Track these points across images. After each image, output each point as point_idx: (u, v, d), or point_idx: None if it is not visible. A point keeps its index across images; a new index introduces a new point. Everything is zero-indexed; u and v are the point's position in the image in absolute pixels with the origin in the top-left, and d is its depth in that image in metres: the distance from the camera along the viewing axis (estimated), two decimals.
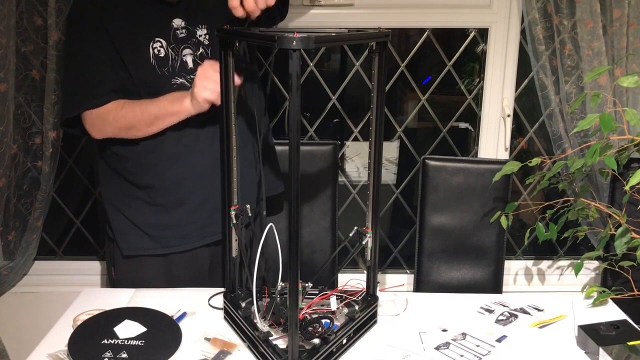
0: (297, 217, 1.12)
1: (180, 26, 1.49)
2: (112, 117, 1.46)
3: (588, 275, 2.24)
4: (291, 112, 1.06)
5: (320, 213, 1.96)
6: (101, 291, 1.58)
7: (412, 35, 2.13)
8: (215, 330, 1.37)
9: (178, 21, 1.49)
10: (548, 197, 2.19)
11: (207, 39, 1.53)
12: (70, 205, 2.23)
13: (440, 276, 1.99)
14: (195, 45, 1.51)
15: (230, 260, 1.40)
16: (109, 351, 1.25)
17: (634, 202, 1.71)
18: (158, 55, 1.46)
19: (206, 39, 1.53)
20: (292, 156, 1.08)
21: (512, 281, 2.27)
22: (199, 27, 1.52)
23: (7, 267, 2.03)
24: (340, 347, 1.28)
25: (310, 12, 1.99)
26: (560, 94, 1.97)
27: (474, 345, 1.35)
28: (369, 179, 1.37)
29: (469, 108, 2.17)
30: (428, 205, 1.95)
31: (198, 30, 1.52)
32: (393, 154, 2.29)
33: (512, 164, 1.80)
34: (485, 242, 1.96)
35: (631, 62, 1.91)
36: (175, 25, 1.48)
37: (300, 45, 1.01)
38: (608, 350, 1.27)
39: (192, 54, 1.50)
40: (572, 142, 1.99)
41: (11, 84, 1.84)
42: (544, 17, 1.91)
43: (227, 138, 1.34)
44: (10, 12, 1.78)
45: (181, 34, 1.49)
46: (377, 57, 1.27)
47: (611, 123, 1.49)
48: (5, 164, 1.88)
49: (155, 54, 1.46)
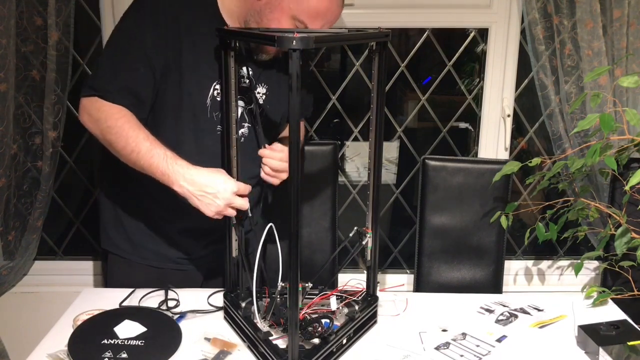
0: (297, 217, 1.12)
1: (245, 75, 1.43)
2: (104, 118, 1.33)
3: (588, 275, 2.24)
4: (291, 112, 1.06)
5: (320, 213, 1.96)
6: (101, 291, 1.57)
7: (412, 35, 2.13)
8: (215, 330, 1.37)
9: (246, 70, 1.43)
10: (548, 197, 2.19)
11: (263, 97, 1.49)
12: (70, 205, 2.23)
13: (440, 276, 1.99)
14: (249, 100, 1.45)
15: (231, 260, 1.40)
16: (109, 351, 1.25)
17: (634, 202, 1.71)
18: (215, 98, 1.40)
19: (263, 97, 1.49)
20: (292, 156, 1.08)
21: (512, 281, 2.27)
22: (261, 84, 1.48)
23: (7, 267, 2.03)
24: (340, 347, 1.28)
25: None
26: (560, 94, 1.97)
27: (474, 345, 1.35)
28: (369, 179, 1.37)
29: (469, 108, 2.17)
30: (428, 205, 1.95)
31: (259, 86, 1.48)
32: (393, 154, 2.29)
33: (512, 164, 1.80)
34: (485, 242, 1.96)
35: (631, 62, 1.91)
36: (241, 73, 1.42)
37: (300, 45, 1.01)
38: (608, 350, 1.27)
39: (244, 107, 1.45)
40: (572, 142, 1.99)
41: (11, 84, 1.84)
42: (544, 17, 1.91)
43: (228, 138, 1.34)
44: (10, 12, 1.78)
45: (243, 83, 1.43)
46: (377, 57, 1.27)
47: (611, 123, 1.49)
48: (5, 164, 1.88)
49: (214, 95, 1.40)
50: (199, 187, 1.29)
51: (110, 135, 1.33)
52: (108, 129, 1.33)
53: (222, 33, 1.28)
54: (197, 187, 1.29)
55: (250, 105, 1.46)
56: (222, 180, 1.30)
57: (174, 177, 1.29)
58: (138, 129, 1.32)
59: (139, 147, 1.31)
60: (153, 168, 1.30)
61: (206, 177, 1.30)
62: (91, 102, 1.36)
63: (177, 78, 1.37)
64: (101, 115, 1.34)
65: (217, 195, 1.28)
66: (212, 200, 1.29)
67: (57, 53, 1.87)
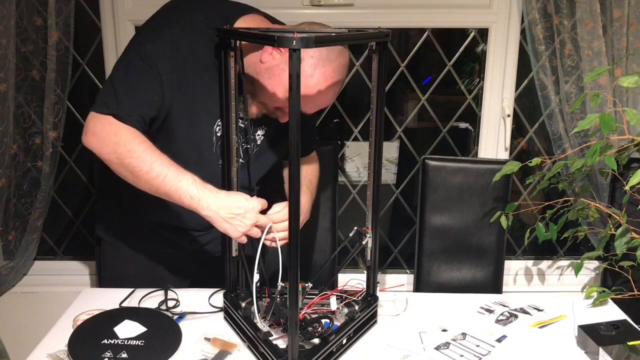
0: (297, 216, 1.12)
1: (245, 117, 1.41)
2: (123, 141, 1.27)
3: (588, 275, 2.24)
4: (291, 112, 1.06)
5: (320, 213, 1.96)
6: (101, 291, 1.57)
7: (412, 35, 2.13)
8: (215, 330, 1.37)
9: None
10: (548, 197, 2.19)
11: (261, 138, 1.49)
12: (70, 205, 2.23)
13: (440, 276, 1.99)
14: (247, 140, 1.46)
15: (231, 260, 1.40)
16: (109, 351, 1.25)
17: (634, 202, 1.71)
18: (217, 134, 1.41)
19: (260, 138, 1.49)
20: (292, 156, 1.08)
21: (512, 281, 2.27)
22: (260, 127, 1.47)
23: (7, 267, 2.03)
24: (340, 347, 1.28)
25: (310, 12, 1.99)
26: (560, 94, 1.97)
27: (474, 345, 1.35)
28: (369, 179, 1.37)
29: (469, 108, 2.17)
30: (428, 205, 1.95)
31: (259, 129, 1.48)
32: (393, 154, 2.29)
33: (512, 164, 1.80)
34: (485, 242, 1.96)
35: (631, 62, 1.91)
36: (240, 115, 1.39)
37: (300, 45, 1.01)
38: (608, 350, 1.27)
39: (239, 143, 1.43)
40: (572, 142, 1.99)
41: (11, 84, 1.84)
42: (544, 17, 1.91)
43: (228, 138, 1.34)
44: (10, 12, 1.78)
45: (243, 123, 1.43)
46: (377, 57, 1.27)
47: (611, 123, 1.49)
48: (5, 164, 1.88)
49: (216, 131, 1.40)
50: (228, 209, 1.28)
51: (131, 160, 1.27)
52: (128, 153, 1.27)
53: (222, 33, 1.28)
54: (227, 210, 1.28)
55: (247, 144, 1.47)
56: (245, 199, 1.30)
57: (205, 201, 1.27)
58: (160, 154, 1.29)
59: (165, 171, 1.27)
60: (181, 192, 1.27)
61: (232, 199, 1.29)
62: (104, 123, 1.29)
63: (187, 112, 1.37)
64: (120, 139, 1.27)
65: (245, 215, 1.28)
66: (241, 220, 1.28)
67: (57, 53, 1.87)
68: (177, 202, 1.29)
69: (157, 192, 1.30)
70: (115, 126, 1.28)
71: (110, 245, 1.62)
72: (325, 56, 1.27)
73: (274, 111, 1.38)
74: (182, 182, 1.27)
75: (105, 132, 1.28)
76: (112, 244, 1.62)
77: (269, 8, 1.54)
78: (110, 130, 1.28)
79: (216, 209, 1.27)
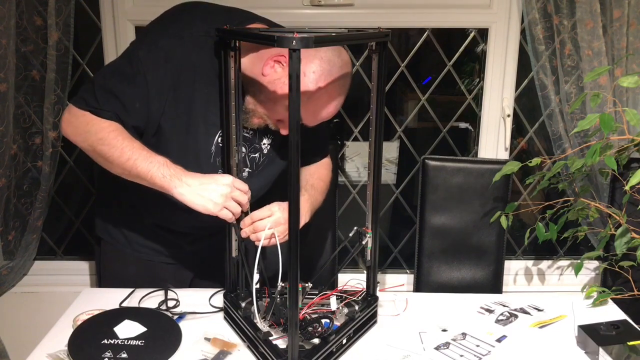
0: (297, 216, 1.12)
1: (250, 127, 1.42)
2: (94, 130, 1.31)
3: (588, 275, 2.24)
4: (291, 112, 1.06)
5: (320, 213, 1.95)
6: (101, 291, 1.58)
7: (412, 35, 2.13)
8: (215, 330, 1.37)
9: None
10: (548, 197, 2.19)
11: (267, 147, 1.49)
12: (70, 205, 2.23)
13: (440, 276, 1.99)
14: (253, 149, 1.46)
15: (231, 260, 1.40)
16: (109, 351, 1.25)
17: (634, 202, 1.71)
18: (219, 144, 1.39)
19: (267, 147, 1.49)
20: (292, 156, 1.08)
21: (512, 281, 2.27)
22: (266, 136, 1.47)
23: (7, 267, 2.03)
24: (340, 347, 1.28)
25: (310, 12, 1.99)
26: (560, 94, 1.97)
27: (474, 345, 1.35)
28: (369, 179, 1.37)
29: (469, 108, 2.17)
30: (428, 205, 1.95)
31: (265, 138, 1.47)
32: (393, 154, 2.29)
33: (512, 164, 1.80)
34: (485, 242, 1.96)
35: (631, 62, 1.91)
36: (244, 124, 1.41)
37: (300, 45, 1.01)
38: (608, 350, 1.27)
39: (246, 153, 1.45)
40: (572, 142, 1.99)
41: (11, 84, 1.84)
42: (544, 17, 1.91)
43: (228, 139, 1.34)
44: (10, 12, 1.78)
45: (248, 133, 1.44)
46: (377, 57, 1.27)
47: (611, 123, 1.49)
48: (5, 164, 1.88)
49: (218, 142, 1.40)
50: (199, 182, 1.28)
51: (102, 147, 1.31)
52: (100, 141, 1.31)
53: (222, 33, 1.28)
54: (198, 182, 1.28)
55: (253, 153, 1.47)
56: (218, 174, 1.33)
57: (176, 177, 1.29)
58: (132, 139, 1.31)
59: (136, 154, 1.29)
60: (153, 172, 1.28)
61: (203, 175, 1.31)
62: (78, 115, 1.33)
63: (183, 121, 1.37)
64: (90, 128, 1.32)
65: (219, 183, 1.28)
66: (214, 189, 1.28)
67: (57, 53, 1.87)
68: (150, 183, 1.30)
69: (129, 175, 1.32)
70: (88, 117, 1.32)
71: (110, 245, 1.63)
72: (328, 71, 1.27)
73: (276, 124, 1.38)
74: (153, 164, 1.29)
75: (79, 122, 1.34)
76: (112, 244, 1.62)
77: (269, 8, 1.54)
78: (84, 121, 1.33)
79: (188, 185, 1.28)
